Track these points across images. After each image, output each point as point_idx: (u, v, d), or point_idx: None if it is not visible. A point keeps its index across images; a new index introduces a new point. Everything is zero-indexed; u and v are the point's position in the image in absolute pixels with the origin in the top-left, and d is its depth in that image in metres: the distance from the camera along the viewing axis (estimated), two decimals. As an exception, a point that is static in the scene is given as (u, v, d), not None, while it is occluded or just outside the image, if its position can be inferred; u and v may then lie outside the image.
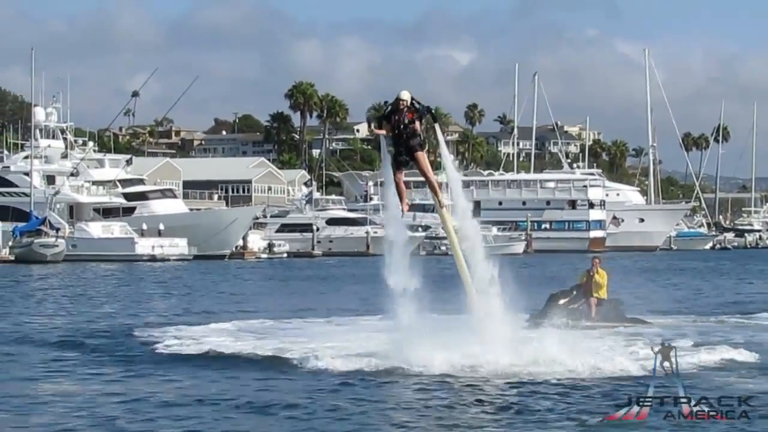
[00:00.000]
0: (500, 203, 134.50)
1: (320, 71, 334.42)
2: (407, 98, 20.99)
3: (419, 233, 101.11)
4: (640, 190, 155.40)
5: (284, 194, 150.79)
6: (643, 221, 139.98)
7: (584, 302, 29.22)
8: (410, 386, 18.80)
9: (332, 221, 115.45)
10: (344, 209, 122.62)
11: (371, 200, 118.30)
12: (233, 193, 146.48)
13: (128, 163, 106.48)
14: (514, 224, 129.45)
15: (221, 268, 77.85)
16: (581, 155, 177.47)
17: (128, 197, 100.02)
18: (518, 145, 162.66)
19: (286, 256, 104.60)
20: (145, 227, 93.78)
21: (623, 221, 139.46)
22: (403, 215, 21.54)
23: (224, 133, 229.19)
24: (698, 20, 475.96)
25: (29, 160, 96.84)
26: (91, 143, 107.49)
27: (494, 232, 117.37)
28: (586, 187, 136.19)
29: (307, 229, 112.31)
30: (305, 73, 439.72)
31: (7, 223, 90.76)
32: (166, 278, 62.90)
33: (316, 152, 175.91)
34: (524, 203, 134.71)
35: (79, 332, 28.66)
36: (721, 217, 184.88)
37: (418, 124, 20.98)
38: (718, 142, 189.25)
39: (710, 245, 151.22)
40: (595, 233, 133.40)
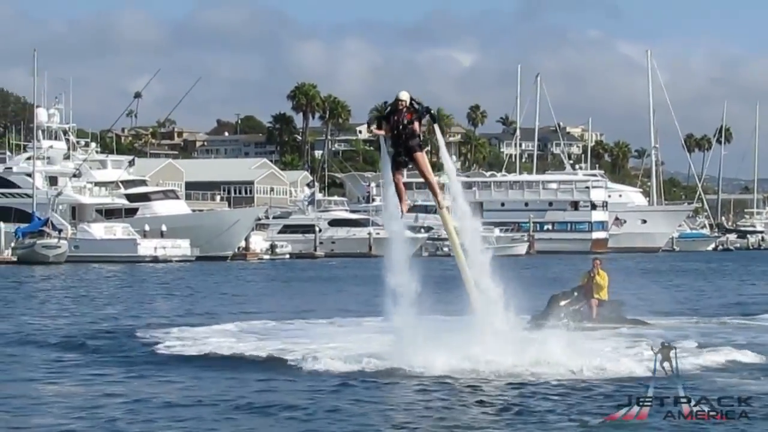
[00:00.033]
0: (503, 204, 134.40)
1: (323, 72, 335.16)
2: (406, 98, 20.80)
3: (421, 234, 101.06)
4: (642, 191, 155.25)
5: (286, 195, 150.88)
6: (645, 222, 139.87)
7: (585, 303, 29.23)
8: (411, 387, 18.79)
9: (334, 222, 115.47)
10: (346, 210, 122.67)
11: (374, 201, 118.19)
12: (236, 194, 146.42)
13: (131, 164, 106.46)
14: (516, 225, 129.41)
15: (223, 269, 77.85)
16: (584, 156, 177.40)
17: (131, 198, 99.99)
18: (521, 146, 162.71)
19: (288, 257, 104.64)
20: (147, 228, 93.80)
21: (625, 222, 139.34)
22: (402, 216, 21.33)
23: (227, 134, 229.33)
24: (700, 21, 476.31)
25: (32, 161, 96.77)
26: (93, 144, 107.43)
27: (497, 233, 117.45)
28: (588, 188, 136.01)
29: (309, 230, 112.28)
30: (308, 74, 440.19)
31: (9, 224, 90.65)
32: (168, 279, 62.91)
33: (318, 153, 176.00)
34: (527, 204, 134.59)
35: (81, 333, 28.67)
36: (723, 218, 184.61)
37: (417, 124, 20.79)
38: (720, 143, 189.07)
39: (712, 246, 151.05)
40: (597, 234, 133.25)
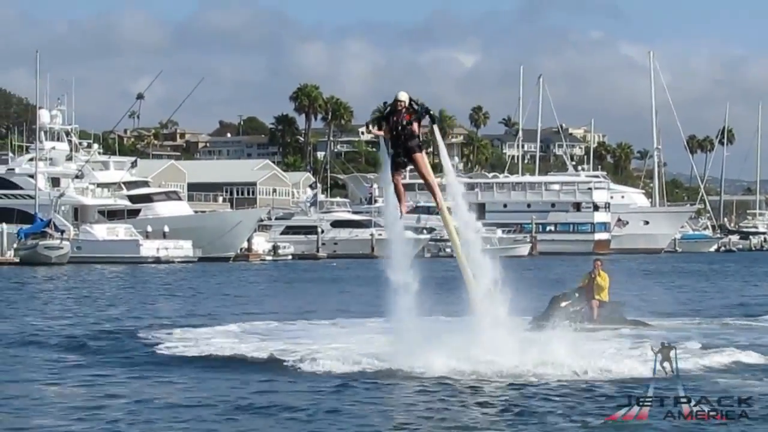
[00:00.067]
0: (505, 205, 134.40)
1: (325, 74, 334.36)
2: (405, 99, 20.59)
3: (424, 235, 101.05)
4: (644, 192, 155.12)
5: (289, 196, 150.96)
6: (647, 224, 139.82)
7: (586, 305, 29.21)
8: (412, 388, 18.78)
9: (337, 223, 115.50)
10: (349, 211, 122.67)
11: (376, 202, 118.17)
12: (238, 195, 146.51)
13: (133, 165, 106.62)
14: (518, 226, 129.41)
15: (226, 270, 77.86)
16: (586, 158, 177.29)
17: (133, 199, 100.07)
18: (523, 147, 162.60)
19: (290, 258, 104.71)
20: (149, 229, 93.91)
21: (628, 224, 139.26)
22: (401, 217, 21.22)
23: (229, 135, 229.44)
24: (703, 22, 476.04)
25: (34, 162, 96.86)
26: (95, 145, 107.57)
27: (499, 234, 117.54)
28: (590, 189, 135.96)
29: (311, 231, 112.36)
30: (310, 75, 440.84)
31: (11, 225, 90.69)
32: (170, 280, 62.93)
33: (320, 155, 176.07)
34: (529, 205, 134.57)
35: (83, 334, 28.69)
36: (725, 219, 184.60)
37: (416, 125, 20.58)
38: (722, 144, 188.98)
39: (715, 248, 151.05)
40: (599, 235, 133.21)
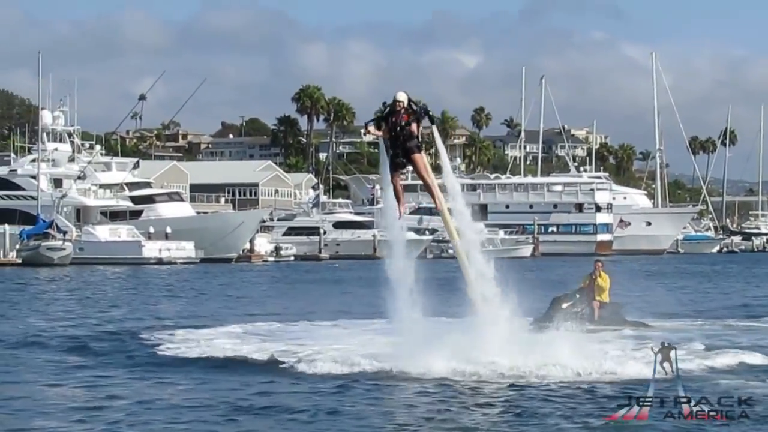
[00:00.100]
0: (507, 207, 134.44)
1: (327, 75, 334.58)
2: (404, 99, 20.37)
3: (426, 237, 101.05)
4: (647, 193, 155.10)
5: (291, 197, 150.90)
6: (650, 224, 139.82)
7: (587, 306, 29.20)
8: (413, 390, 18.78)
9: (339, 224, 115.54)
10: (351, 212, 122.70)
11: (378, 203, 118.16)
12: (240, 196, 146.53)
13: (135, 166, 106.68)
14: (521, 227, 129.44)
15: (228, 271, 77.88)
16: (588, 159, 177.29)
17: (135, 200, 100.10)
18: (525, 148, 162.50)
19: (293, 259, 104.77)
20: (152, 230, 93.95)
21: (630, 224, 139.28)
22: (400, 218, 21.13)
23: (231, 136, 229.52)
24: (705, 23, 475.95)
25: (36, 163, 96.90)
26: (98, 146, 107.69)
27: (501, 235, 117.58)
28: (593, 190, 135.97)
29: (314, 232, 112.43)
30: (312, 76, 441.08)
31: (14, 226, 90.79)
32: (172, 281, 62.96)
33: (323, 155, 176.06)
34: (531, 206, 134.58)
35: (85, 335, 28.72)
36: (728, 220, 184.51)
37: (415, 125, 20.36)
38: (725, 145, 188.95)
39: (717, 249, 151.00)
40: (602, 236, 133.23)
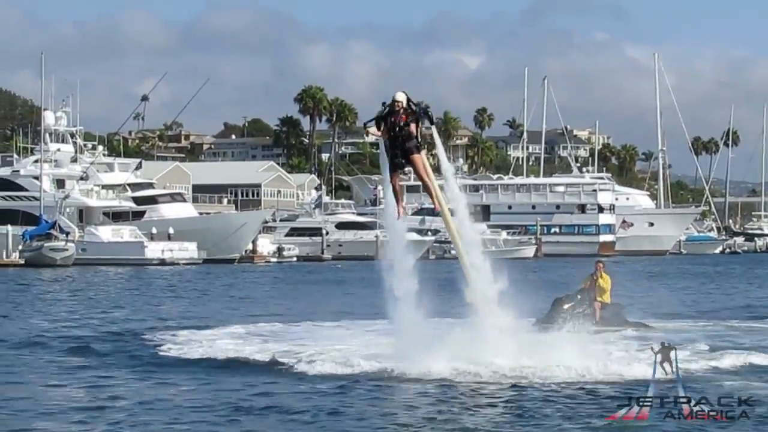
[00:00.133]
0: (510, 207, 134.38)
1: (330, 75, 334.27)
2: (403, 100, 20.31)
3: (428, 237, 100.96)
4: (649, 194, 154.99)
5: (294, 198, 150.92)
6: (652, 225, 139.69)
7: (588, 307, 29.19)
8: (414, 390, 18.80)
9: (342, 225, 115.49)
10: (354, 213, 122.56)
11: (380, 204, 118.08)
12: (242, 197, 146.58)
13: (138, 167, 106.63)
14: (523, 228, 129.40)
15: (230, 271, 77.89)
16: (591, 159, 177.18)
17: (138, 201, 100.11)
18: (528, 149, 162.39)
19: (295, 260, 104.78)
20: (154, 231, 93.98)
21: (633, 225, 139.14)
22: (399, 218, 21.12)
23: (234, 137, 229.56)
24: (708, 24, 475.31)
25: (39, 164, 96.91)
26: (100, 147, 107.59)
27: (504, 236, 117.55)
28: (595, 191, 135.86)
29: (316, 233, 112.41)
30: (315, 77, 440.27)
31: (17, 226, 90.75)
32: (175, 282, 62.97)
33: (325, 156, 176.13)
34: (534, 207, 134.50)
35: (88, 336, 28.74)
36: (730, 221, 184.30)
37: (414, 126, 20.30)
38: (727, 146, 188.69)
39: (720, 249, 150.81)
40: (604, 237, 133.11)
